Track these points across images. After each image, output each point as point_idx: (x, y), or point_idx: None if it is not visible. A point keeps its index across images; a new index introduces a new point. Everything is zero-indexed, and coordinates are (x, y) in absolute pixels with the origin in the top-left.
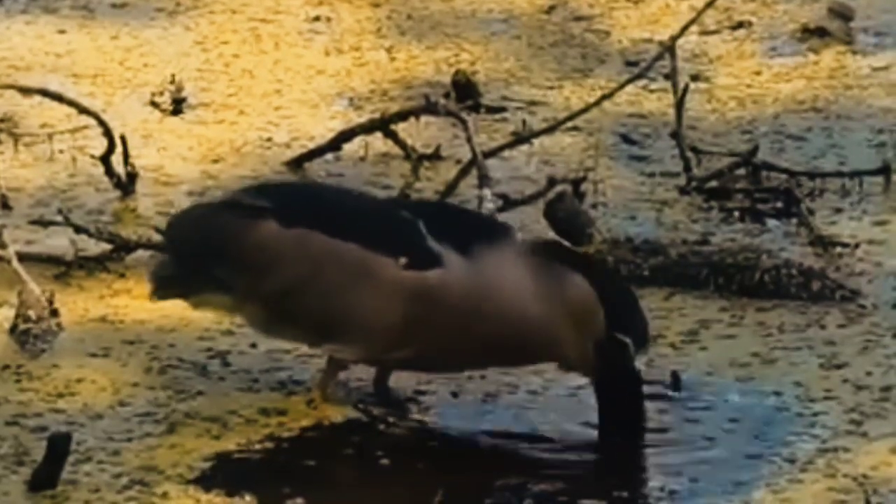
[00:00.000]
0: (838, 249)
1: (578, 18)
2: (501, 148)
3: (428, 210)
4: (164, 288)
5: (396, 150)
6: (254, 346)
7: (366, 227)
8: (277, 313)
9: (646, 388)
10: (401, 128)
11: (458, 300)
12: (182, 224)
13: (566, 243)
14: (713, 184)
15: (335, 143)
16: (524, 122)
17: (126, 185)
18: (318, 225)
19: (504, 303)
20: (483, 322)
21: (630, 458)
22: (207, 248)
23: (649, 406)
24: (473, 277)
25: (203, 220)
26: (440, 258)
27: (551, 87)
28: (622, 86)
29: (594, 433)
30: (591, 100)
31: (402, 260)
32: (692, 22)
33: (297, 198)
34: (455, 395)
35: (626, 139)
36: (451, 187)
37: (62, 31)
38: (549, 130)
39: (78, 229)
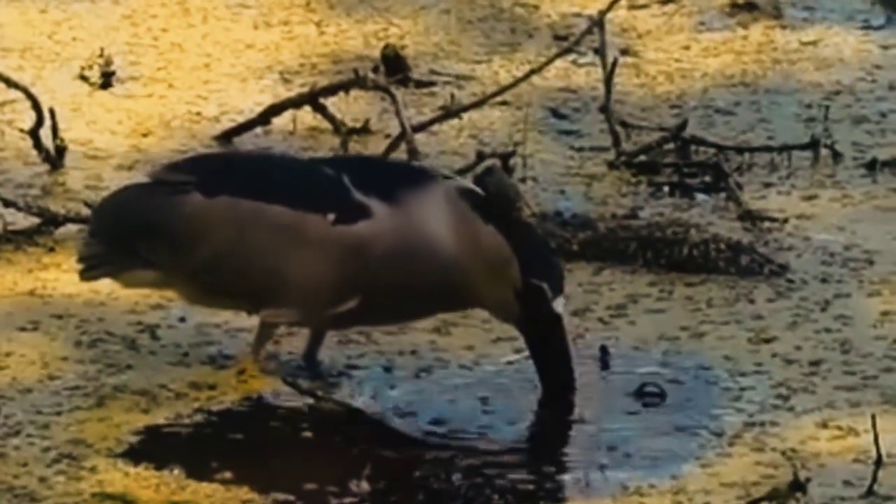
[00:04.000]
0: (767, 224)
1: None
2: (431, 122)
3: (351, 164)
4: (92, 269)
5: (326, 123)
6: (183, 320)
7: (290, 187)
8: (210, 284)
9: (575, 363)
10: (330, 102)
11: (390, 248)
12: (108, 209)
13: (481, 192)
14: (642, 158)
15: (264, 117)
16: (453, 96)
17: (55, 158)
18: (242, 191)
19: (427, 247)
20: (412, 267)
21: (559, 432)
22: (135, 229)
23: (578, 380)
24: (401, 224)
25: (128, 202)
26: (368, 210)
27: (480, 62)
28: (551, 60)
29: (524, 408)
30: (520, 74)
31: (330, 216)
32: None
33: (218, 167)
34: (387, 369)
35: (555, 114)
36: None
37: None
38: (478, 105)
39: (6, 203)
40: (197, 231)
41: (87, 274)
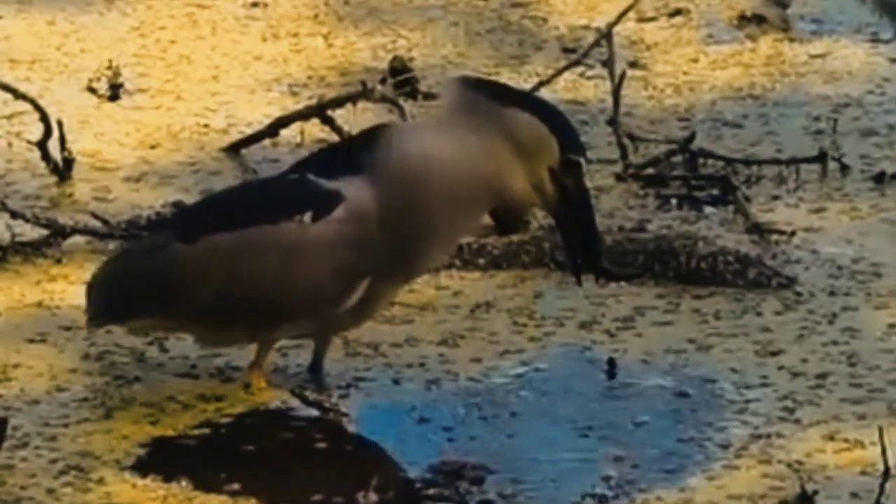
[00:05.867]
0: (775, 237)
1: (515, 5)
2: None
3: (313, 159)
4: (99, 318)
5: (333, 136)
6: None
7: (262, 205)
8: (218, 321)
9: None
10: (338, 114)
11: (388, 209)
12: (98, 288)
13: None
14: (650, 171)
15: (272, 129)
16: None
17: (63, 170)
18: (218, 227)
19: (437, 173)
20: (425, 206)
21: (566, 444)
22: (131, 298)
23: (585, 393)
24: (387, 183)
25: (115, 274)
26: (339, 194)
27: (488, 74)
28: (559, 72)
29: (531, 419)
30: (528, 86)
31: (307, 216)
32: (630, 9)
33: (189, 213)
34: (396, 381)
35: None
36: None
37: None
38: None
39: (14, 214)
40: (189, 279)
41: (94, 324)
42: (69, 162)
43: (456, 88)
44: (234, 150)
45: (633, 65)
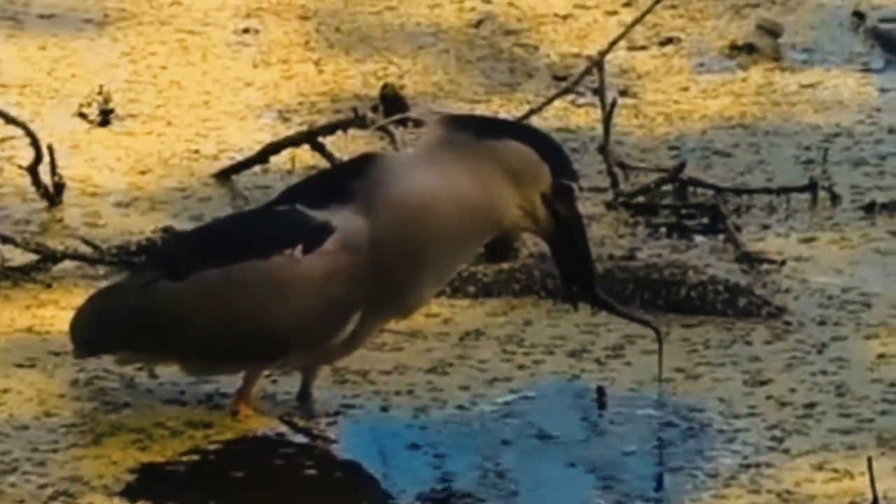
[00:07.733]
0: (765, 266)
1: (507, 33)
2: None
3: (303, 187)
4: (86, 349)
5: (324, 162)
6: None
7: (251, 238)
8: (209, 357)
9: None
10: (329, 140)
11: (382, 241)
12: (83, 324)
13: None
14: (640, 199)
15: (263, 156)
16: None
17: (53, 195)
18: (207, 263)
19: (435, 206)
20: (424, 234)
21: (556, 473)
22: (118, 335)
23: (574, 422)
24: (379, 213)
25: (100, 311)
26: (329, 225)
27: (479, 101)
28: (550, 100)
29: (520, 448)
30: (519, 114)
31: (297, 249)
32: (621, 37)
33: (177, 248)
34: (385, 409)
35: None
36: None
37: None
38: None
39: (4, 239)
40: (179, 317)
41: (81, 354)
42: (60, 187)
43: (441, 127)
44: (224, 176)
45: (624, 93)
